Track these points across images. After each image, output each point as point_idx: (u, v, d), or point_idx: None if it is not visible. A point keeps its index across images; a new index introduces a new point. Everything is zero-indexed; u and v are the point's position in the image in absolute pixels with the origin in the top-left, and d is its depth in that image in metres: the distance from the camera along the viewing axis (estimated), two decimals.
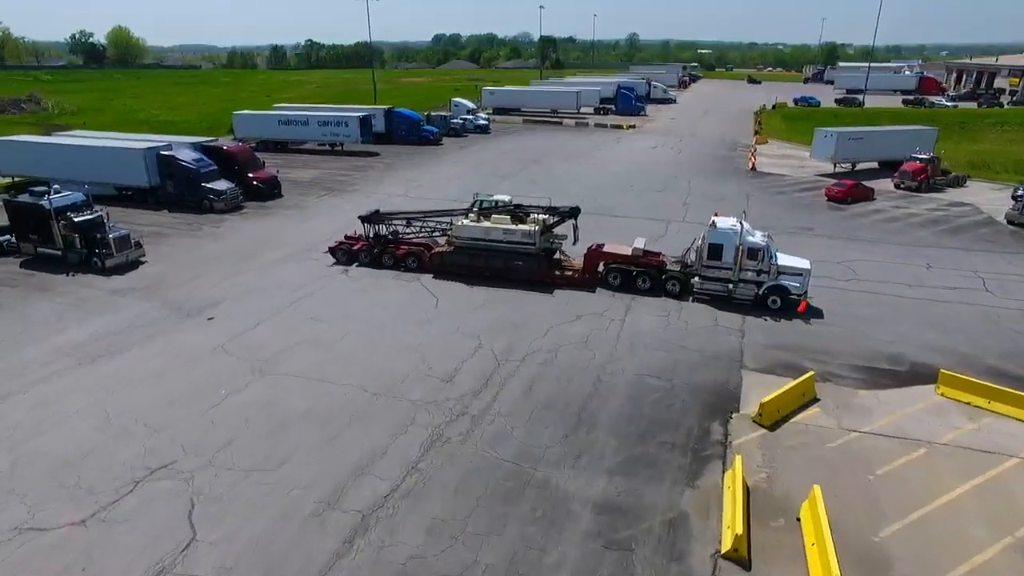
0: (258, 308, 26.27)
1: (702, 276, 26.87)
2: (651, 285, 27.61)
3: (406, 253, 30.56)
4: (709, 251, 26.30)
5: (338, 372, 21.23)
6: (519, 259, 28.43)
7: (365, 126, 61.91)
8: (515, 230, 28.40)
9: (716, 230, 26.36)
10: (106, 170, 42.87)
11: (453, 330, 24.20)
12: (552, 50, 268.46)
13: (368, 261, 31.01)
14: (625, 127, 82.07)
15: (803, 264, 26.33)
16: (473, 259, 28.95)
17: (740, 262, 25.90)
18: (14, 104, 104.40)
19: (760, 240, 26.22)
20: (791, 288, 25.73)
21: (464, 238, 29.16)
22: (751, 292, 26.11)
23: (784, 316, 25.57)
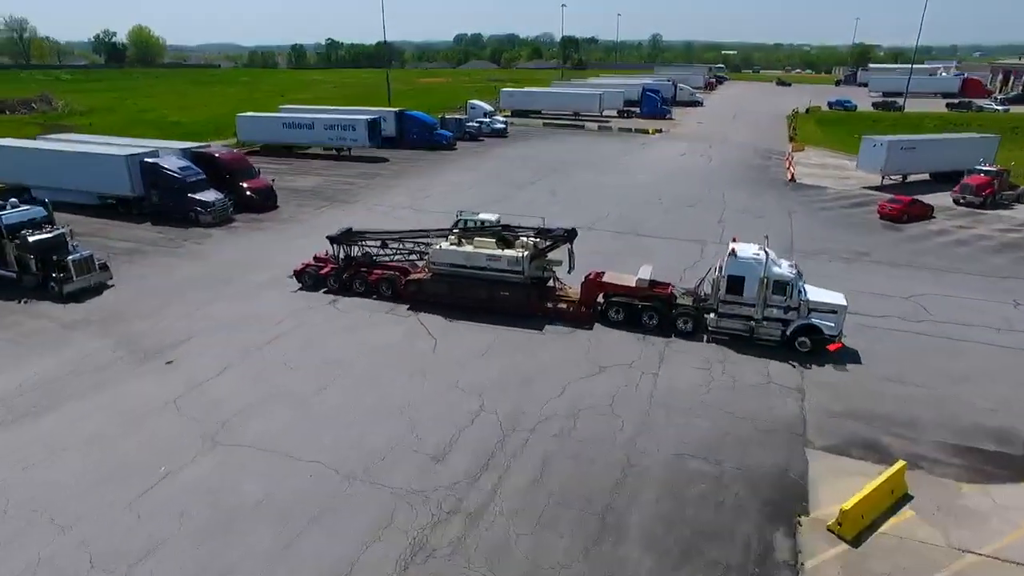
0: (227, 349, 22.47)
1: (719, 313, 22.94)
2: (659, 322, 23.69)
3: (379, 279, 26.78)
4: (728, 284, 22.43)
5: (307, 442, 17.29)
6: (505, 289, 24.72)
7: (374, 130, 58.27)
8: (501, 256, 24.67)
9: (737, 260, 22.37)
10: (87, 177, 39.54)
11: (451, 385, 20.16)
12: (574, 50, 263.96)
13: (337, 287, 27.33)
14: (651, 131, 77.58)
15: (837, 300, 22.42)
16: (453, 288, 25.27)
17: (765, 297, 21.99)
18: (24, 104, 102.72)
19: (788, 272, 22.33)
20: (824, 328, 21.81)
21: (443, 264, 25.44)
22: (776, 332, 22.35)
23: (852, 374, 21.17)
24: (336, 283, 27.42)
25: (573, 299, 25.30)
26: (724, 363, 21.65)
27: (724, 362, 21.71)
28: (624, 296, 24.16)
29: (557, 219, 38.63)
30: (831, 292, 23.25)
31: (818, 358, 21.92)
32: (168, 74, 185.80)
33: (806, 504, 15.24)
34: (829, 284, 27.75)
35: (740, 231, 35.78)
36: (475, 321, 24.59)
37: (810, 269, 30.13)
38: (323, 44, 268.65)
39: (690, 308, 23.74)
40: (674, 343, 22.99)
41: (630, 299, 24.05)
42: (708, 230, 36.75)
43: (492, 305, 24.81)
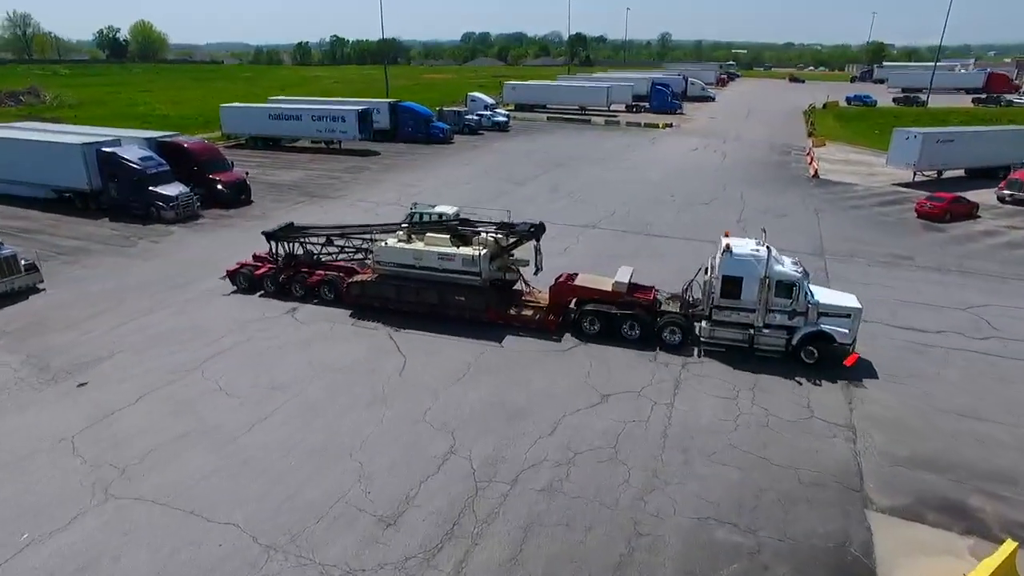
0: (153, 369, 18.71)
1: (713, 320, 19.43)
2: (641, 333, 20.18)
3: (319, 281, 23.37)
4: (724, 286, 18.99)
5: (225, 497, 13.48)
6: (460, 292, 21.33)
7: (364, 121, 54.48)
8: (454, 255, 21.30)
9: (733, 257, 18.91)
10: (42, 169, 35.96)
11: (417, 418, 16.30)
12: (582, 47, 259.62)
13: (273, 290, 23.97)
14: (661, 126, 73.53)
15: (850, 302, 19.25)
16: (401, 291, 21.92)
17: (766, 301, 18.58)
18: (12, 97, 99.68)
19: (793, 270, 18.97)
20: (836, 336, 18.57)
21: (389, 264, 22.11)
22: (780, 341, 19.05)
23: (913, 405, 17.16)
24: (272, 285, 24.01)
25: (543, 305, 21.69)
26: (754, 390, 17.68)
27: (754, 389, 17.75)
28: (599, 303, 20.53)
29: (559, 217, 34.95)
30: (841, 293, 20.18)
31: (868, 386, 17.94)
32: (169, 70, 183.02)
33: None
34: (869, 292, 23.99)
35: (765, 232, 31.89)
36: (456, 335, 20.75)
37: (846, 275, 26.36)
38: (326, 41, 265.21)
39: (678, 316, 20.19)
40: (692, 364, 19.05)
41: (607, 306, 20.41)
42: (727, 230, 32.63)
43: (445, 311, 21.53)
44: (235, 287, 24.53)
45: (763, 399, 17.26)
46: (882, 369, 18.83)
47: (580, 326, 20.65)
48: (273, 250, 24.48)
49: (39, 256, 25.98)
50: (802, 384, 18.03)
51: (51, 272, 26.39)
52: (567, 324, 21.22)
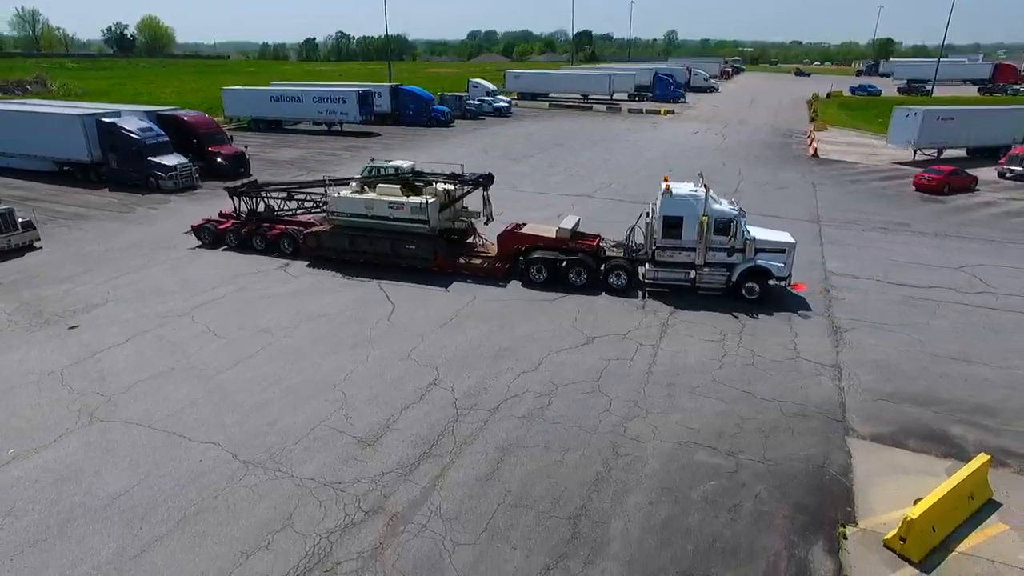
0: (143, 315, 18.85)
1: (655, 261, 20.00)
2: (588, 278, 20.61)
3: (279, 234, 24.09)
4: (664, 226, 19.45)
5: (207, 420, 13.58)
6: (411, 242, 21.72)
7: (365, 104, 54.64)
8: (404, 203, 21.63)
9: (672, 198, 19.45)
10: (44, 141, 36.29)
11: (403, 355, 16.36)
12: (587, 44, 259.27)
13: (236, 244, 24.71)
14: (662, 112, 73.41)
15: (784, 237, 20.00)
16: (355, 242, 22.40)
17: (706, 239, 19.15)
18: (19, 85, 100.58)
19: (730, 209, 19.62)
20: (773, 270, 19.35)
21: (343, 214, 22.54)
22: (721, 279, 19.72)
23: (904, 351, 17.10)
24: (235, 240, 24.69)
25: (493, 255, 22.21)
26: (741, 334, 17.65)
27: (741, 333, 17.72)
28: (545, 250, 20.85)
29: (555, 189, 35.02)
30: (776, 231, 20.78)
31: (857, 331, 17.89)
32: (175, 64, 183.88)
33: (852, 511, 11.27)
34: (864, 254, 24.02)
35: (758, 202, 31.89)
36: (445, 288, 20.81)
37: (841, 239, 26.39)
38: (332, 38, 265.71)
39: (622, 260, 20.59)
40: (680, 313, 19.02)
41: (553, 253, 20.75)
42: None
43: (396, 260, 21.98)
44: (200, 242, 25.08)
45: (750, 342, 17.22)
46: (872, 319, 18.75)
47: (528, 274, 20.89)
48: (236, 206, 25.11)
49: (36, 217, 26.16)
50: (790, 329, 17.97)
51: (49, 234, 26.68)
52: (512, 271, 21.57)
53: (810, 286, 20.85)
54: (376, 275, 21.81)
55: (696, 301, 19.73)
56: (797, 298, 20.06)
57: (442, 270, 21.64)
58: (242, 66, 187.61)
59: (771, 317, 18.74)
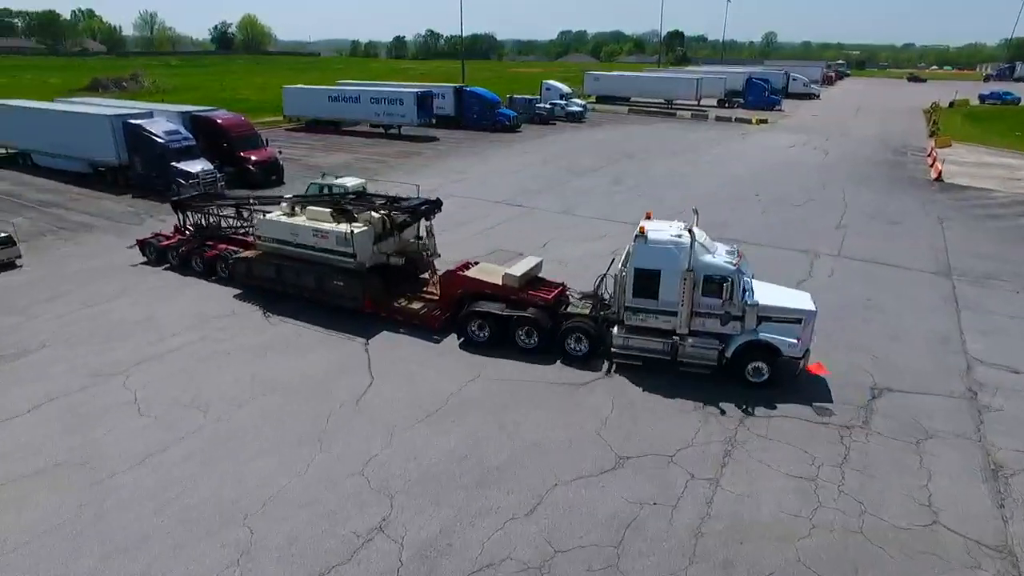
0: (73, 369, 15.41)
1: (627, 324, 15.18)
2: (540, 341, 16.03)
3: (215, 256, 21.15)
4: (636, 282, 14.74)
5: (50, 566, 9.63)
6: (338, 276, 18.01)
7: (424, 106, 51.04)
8: (329, 232, 17.99)
9: (647, 245, 14.62)
10: (76, 141, 34.57)
11: (356, 467, 11.94)
12: (679, 44, 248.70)
13: (178, 264, 22.05)
14: (754, 121, 66.05)
15: (801, 303, 15.04)
16: (281, 271, 19.07)
17: (690, 301, 14.37)
18: (116, 83, 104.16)
19: (725, 262, 14.57)
20: (781, 346, 14.38)
21: (270, 239, 19.31)
22: (711, 353, 14.79)
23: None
24: (175, 259, 22.10)
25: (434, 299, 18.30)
26: (843, 468, 12.12)
27: (843, 466, 12.18)
28: (490, 300, 16.51)
29: (614, 213, 29.84)
30: (792, 292, 15.97)
31: None
32: (269, 61, 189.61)
33: None
34: (1019, 328, 17.60)
35: (869, 241, 25.57)
36: (447, 354, 16.29)
37: (985, 302, 19.86)
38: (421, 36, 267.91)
39: (584, 319, 15.85)
40: (754, 421, 13.62)
41: (498, 306, 16.33)
42: (822, 237, 26.49)
43: (323, 297, 18.52)
44: (145, 258, 22.72)
45: (857, 484, 11.69)
46: None
47: (466, 330, 16.59)
48: (181, 220, 22.57)
49: (16, 230, 23.90)
50: (919, 463, 12.26)
51: (42, 247, 24.36)
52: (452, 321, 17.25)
53: (947, 381, 14.95)
54: (366, 329, 17.56)
55: (777, 397, 14.28)
56: (927, 398, 14.22)
57: (369, 312, 17.94)
58: (331, 63, 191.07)
59: (885, 435, 13.05)
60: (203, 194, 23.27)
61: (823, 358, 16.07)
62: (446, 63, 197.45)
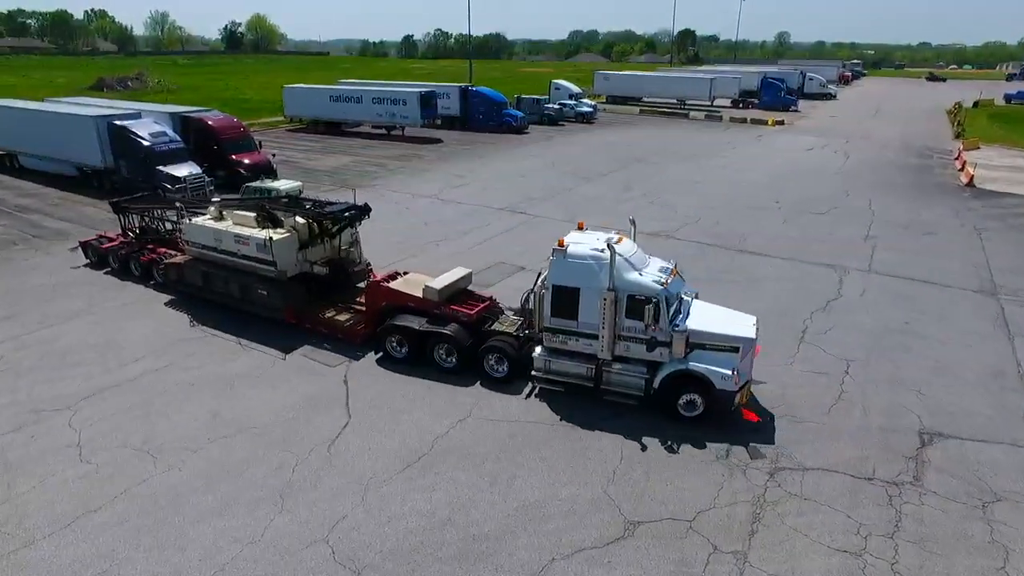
0: (14, 403, 13.76)
1: (547, 346, 13.81)
2: (459, 360, 14.78)
3: (150, 260, 20.39)
4: (554, 300, 13.42)
5: None
6: (262, 285, 17.10)
7: (427, 106, 49.36)
8: (249, 238, 17.02)
9: (566, 260, 13.24)
10: (62, 143, 33.06)
11: (319, 535, 10.15)
12: (691, 44, 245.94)
13: (117, 267, 21.27)
14: (770, 123, 63.85)
15: (739, 329, 13.10)
16: (208, 279, 18.25)
17: (612, 322, 12.93)
18: (121, 82, 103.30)
19: (653, 280, 12.99)
20: (713, 378, 12.60)
21: (196, 245, 18.48)
22: (638, 382, 13.30)
23: None
24: (115, 262, 21.32)
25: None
26: (895, 538, 10.20)
27: (895, 536, 10.25)
28: (412, 314, 15.29)
29: (624, 222, 27.90)
30: (737, 315, 13.86)
31: None
32: (276, 60, 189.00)
33: None
34: None
35: (900, 255, 23.55)
36: (437, 389, 14.49)
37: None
38: (430, 35, 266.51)
39: (506, 338, 14.54)
40: (787, 477, 11.71)
41: (419, 320, 15.09)
42: (849, 249, 24.48)
43: (247, 307, 17.65)
44: (87, 260, 22.04)
45: (915, 559, 9.78)
46: None
47: (385, 347, 15.49)
48: (122, 223, 21.90)
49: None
50: (988, 534, 10.31)
51: (9, 257, 22.82)
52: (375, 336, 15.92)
53: (1010, 426, 12.99)
54: (347, 356, 15.80)
55: (807, 442, 12.38)
56: (988, 447, 12.27)
57: (298, 324, 16.95)
58: (338, 62, 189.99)
59: (942, 495, 11.12)
60: (142, 196, 22.61)
61: (860, 391, 14.19)
62: (455, 63, 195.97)
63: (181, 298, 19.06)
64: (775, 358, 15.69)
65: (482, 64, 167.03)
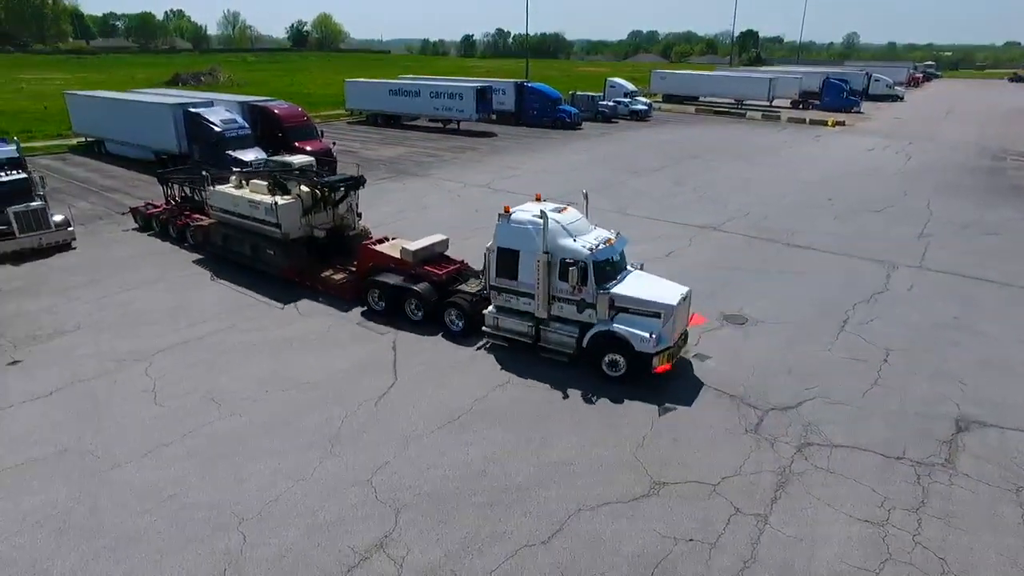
0: (99, 354, 15.20)
1: (497, 305, 15.41)
2: (424, 315, 16.58)
3: (185, 224, 22.89)
4: (498, 260, 15.01)
5: (28, 563, 9.11)
6: (270, 245, 19.31)
7: (483, 101, 50.39)
8: (259, 203, 19.09)
9: (509, 224, 14.73)
10: (142, 130, 35.45)
11: (364, 477, 11.01)
12: (753, 45, 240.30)
13: (159, 231, 24.27)
14: (830, 123, 62.26)
15: (662, 297, 13.92)
16: (228, 240, 20.77)
17: (546, 283, 14.23)
18: (195, 77, 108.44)
19: (584, 245, 14.15)
20: (633, 340, 13.48)
21: (219, 209, 20.80)
22: (569, 340, 14.56)
23: None
24: (157, 226, 24.31)
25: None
26: (920, 512, 10.33)
27: (920, 510, 10.38)
28: (390, 273, 17.13)
29: (673, 215, 28.12)
30: (671, 285, 14.61)
31: None
32: (340, 58, 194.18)
33: None
34: None
35: (955, 255, 23.02)
36: (478, 357, 15.23)
37: None
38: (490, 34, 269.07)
39: (464, 296, 16.27)
40: (816, 452, 11.93)
41: (397, 278, 16.94)
42: (901, 247, 24.05)
43: (257, 265, 20.05)
44: (136, 225, 25.07)
45: (938, 533, 9.91)
46: None
47: (367, 300, 17.51)
48: (166, 192, 24.59)
49: (72, 214, 24.22)
50: (1021, 513, 10.33)
51: (96, 231, 24.87)
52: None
53: None
54: (396, 326, 16.73)
55: (841, 423, 12.53)
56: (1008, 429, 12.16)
57: (299, 283, 18.99)
58: (399, 60, 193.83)
59: (974, 478, 11.13)
60: (182, 168, 25.38)
61: (899, 381, 14.19)
62: (513, 62, 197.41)
63: (234, 269, 20.39)
64: (812, 343, 15.82)
65: (539, 63, 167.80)
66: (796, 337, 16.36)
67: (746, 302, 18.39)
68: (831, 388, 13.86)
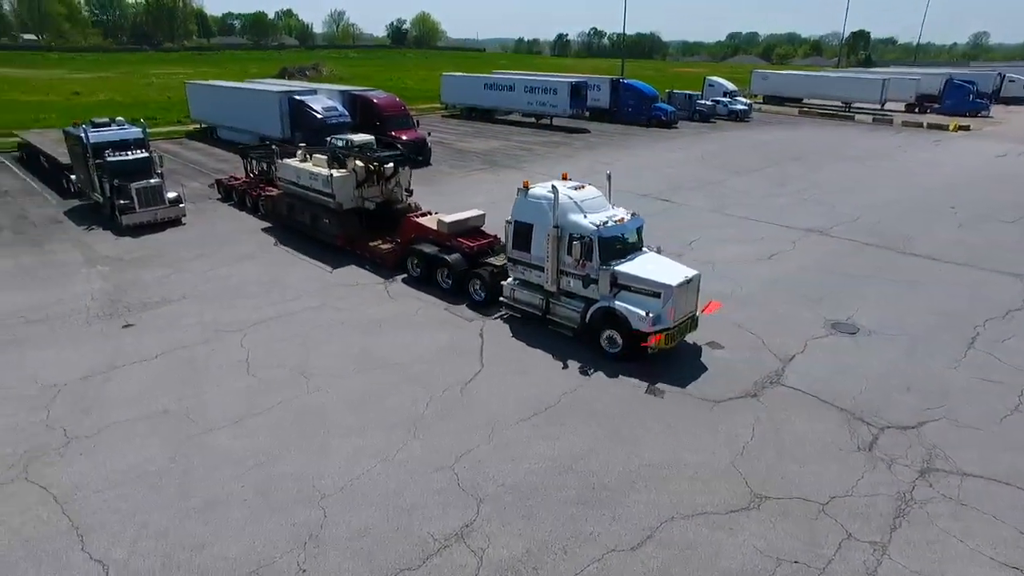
0: (201, 323, 15.82)
1: (515, 277, 15.92)
2: (454, 283, 17.49)
3: (256, 197, 25.22)
4: (515, 235, 15.42)
5: (127, 514, 9.43)
6: (327, 215, 20.72)
7: (577, 96, 49.70)
8: (318, 175, 20.54)
9: (526, 199, 15.08)
10: (251, 116, 37.27)
11: (447, 462, 10.75)
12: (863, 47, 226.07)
13: (237, 202, 26.62)
14: (951, 128, 57.36)
15: (663, 277, 13.64)
16: (291, 209, 22.34)
17: (556, 257, 14.46)
18: (301, 71, 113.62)
19: (591, 222, 14.16)
20: (630, 317, 13.47)
21: (285, 181, 22.53)
22: (574, 315, 14.76)
23: None
24: (236, 197, 26.65)
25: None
26: None
27: None
28: (429, 243, 18.27)
29: (775, 216, 26.47)
30: (677, 267, 14.44)
31: None
32: (437, 55, 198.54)
33: None
34: None
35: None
36: (568, 347, 14.71)
37: None
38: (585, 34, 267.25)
39: (488, 268, 16.90)
40: (944, 475, 10.65)
41: (434, 248, 18.05)
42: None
43: (314, 233, 21.49)
44: (219, 195, 27.54)
45: None
46: None
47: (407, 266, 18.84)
48: (247, 167, 27.19)
49: (185, 192, 25.62)
50: None
51: (203, 209, 26.09)
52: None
53: None
54: (485, 312, 16.49)
55: (980, 453, 11.13)
56: None
57: (344, 249, 20.42)
58: (494, 58, 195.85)
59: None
60: (261, 145, 27.42)
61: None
62: (606, 62, 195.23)
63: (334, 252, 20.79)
64: (934, 359, 14.33)
65: (634, 63, 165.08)
66: (915, 351, 14.86)
67: (857, 310, 16.93)
68: (959, 410, 12.41)
